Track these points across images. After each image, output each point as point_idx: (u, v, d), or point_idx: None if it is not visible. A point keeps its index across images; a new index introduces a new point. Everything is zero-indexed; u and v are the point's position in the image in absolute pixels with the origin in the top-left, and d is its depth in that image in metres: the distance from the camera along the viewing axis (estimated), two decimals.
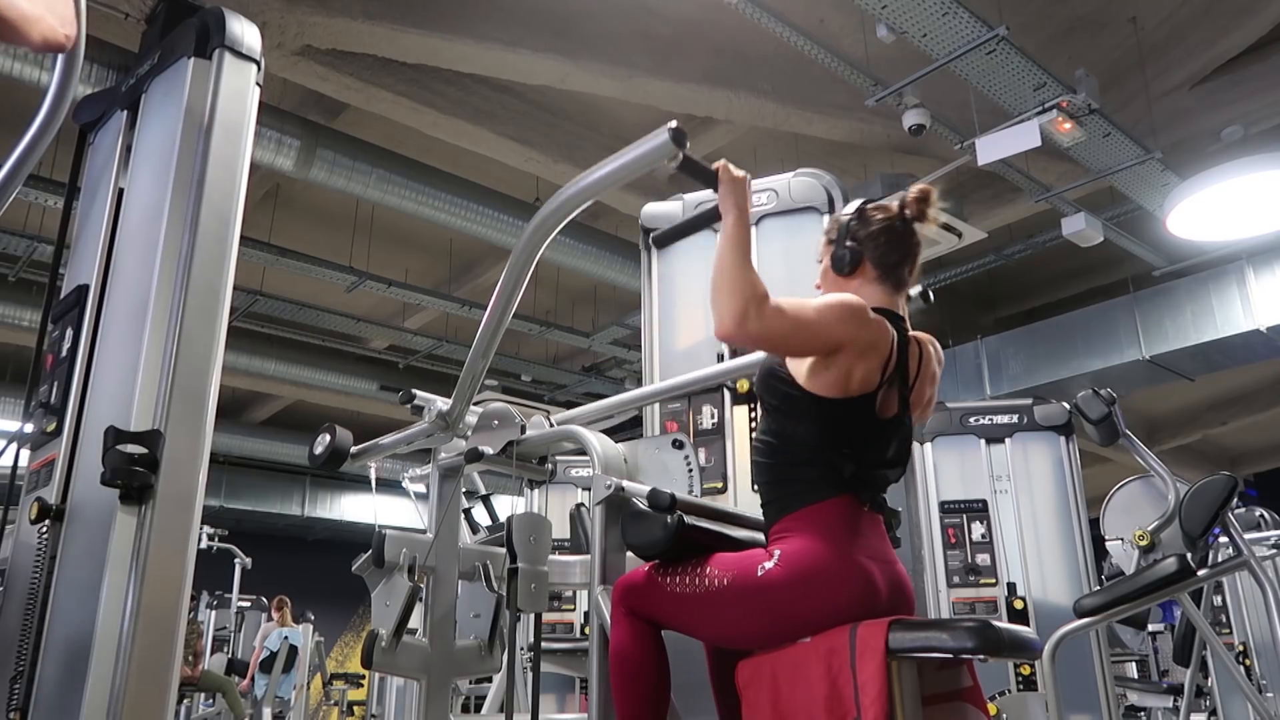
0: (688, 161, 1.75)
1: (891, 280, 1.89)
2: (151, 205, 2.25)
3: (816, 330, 1.69)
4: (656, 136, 1.74)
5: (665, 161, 1.74)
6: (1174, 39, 5.53)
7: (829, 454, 1.74)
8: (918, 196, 1.90)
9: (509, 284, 2.03)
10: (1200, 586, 3.88)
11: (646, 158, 1.77)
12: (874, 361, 1.73)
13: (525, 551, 2.08)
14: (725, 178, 1.77)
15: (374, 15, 4.87)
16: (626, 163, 1.80)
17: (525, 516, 2.13)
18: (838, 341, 1.70)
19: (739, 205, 1.74)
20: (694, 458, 2.17)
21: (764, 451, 1.81)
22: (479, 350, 2.14)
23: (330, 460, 2.35)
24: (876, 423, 1.77)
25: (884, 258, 1.88)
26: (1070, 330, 7.79)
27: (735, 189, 1.76)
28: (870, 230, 1.89)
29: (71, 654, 1.96)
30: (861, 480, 1.75)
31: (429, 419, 2.30)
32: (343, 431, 2.39)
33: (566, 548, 4.27)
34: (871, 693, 1.50)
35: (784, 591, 1.66)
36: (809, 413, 1.75)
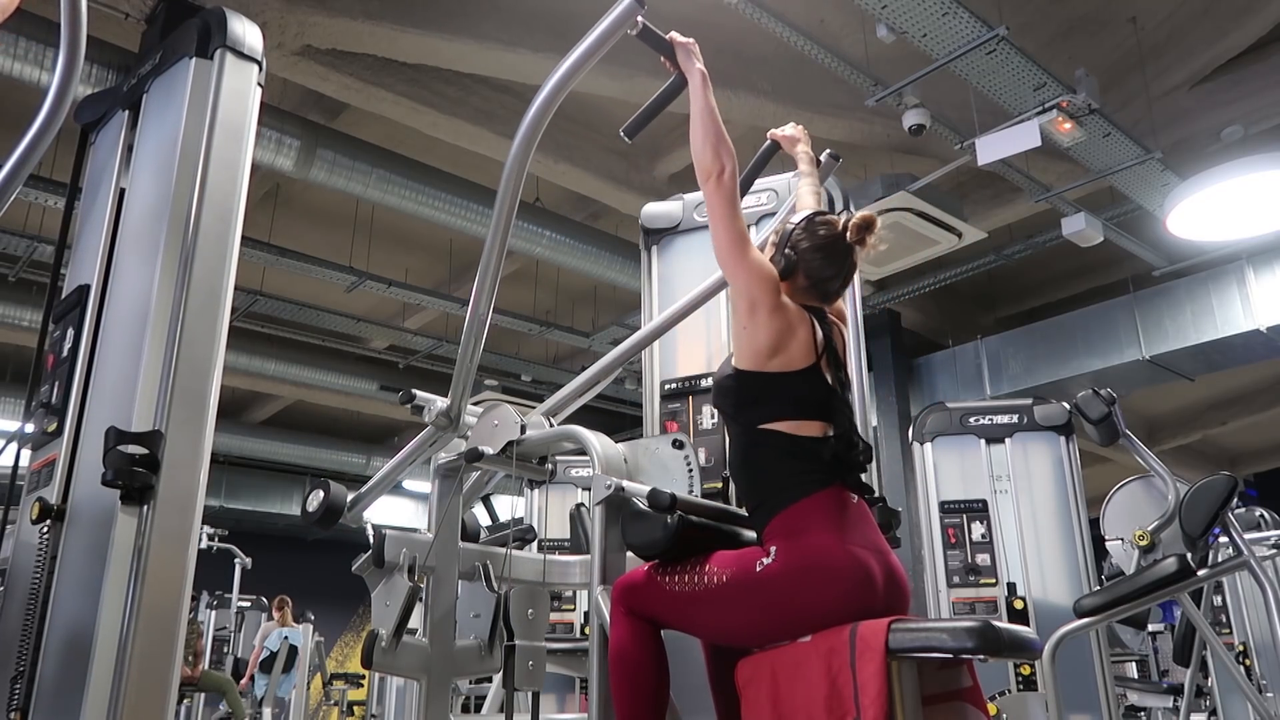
0: (646, 29, 1.97)
1: (819, 292, 1.96)
2: (153, 205, 2.25)
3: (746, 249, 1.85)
4: (620, 3, 1.91)
5: (628, 30, 1.93)
6: (1174, 39, 5.53)
7: (801, 439, 1.78)
8: (860, 224, 1.95)
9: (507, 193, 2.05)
10: (1200, 586, 3.88)
11: (615, 24, 1.92)
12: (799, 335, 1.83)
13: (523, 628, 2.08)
14: (679, 42, 1.99)
15: (374, 15, 4.87)
16: (597, 36, 1.94)
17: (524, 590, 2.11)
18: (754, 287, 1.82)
19: (700, 64, 1.96)
20: (694, 458, 2.17)
21: (740, 460, 1.86)
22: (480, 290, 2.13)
23: (325, 518, 2.29)
24: (833, 392, 1.85)
25: (817, 271, 1.95)
26: (1070, 330, 7.79)
27: (692, 51, 1.98)
28: (810, 243, 1.95)
29: (72, 654, 1.96)
30: (842, 463, 1.79)
31: (429, 418, 2.30)
32: (336, 487, 2.33)
33: (566, 548, 4.27)
34: (871, 692, 1.51)
35: (782, 586, 1.66)
36: (760, 393, 1.82)
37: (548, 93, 2.00)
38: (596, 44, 1.96)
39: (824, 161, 2.56)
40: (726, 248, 1.86)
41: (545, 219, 6.75)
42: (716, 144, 1.87)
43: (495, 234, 2.08)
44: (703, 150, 1.88)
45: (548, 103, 2.00)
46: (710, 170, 1.87)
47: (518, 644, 2.04)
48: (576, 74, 1.99)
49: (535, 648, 2.08)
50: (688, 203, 3.32)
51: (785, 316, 1.84)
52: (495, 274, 2.13)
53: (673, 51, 1.99)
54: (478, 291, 2.14)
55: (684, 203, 3.32)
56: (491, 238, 2.09)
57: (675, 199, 3.36)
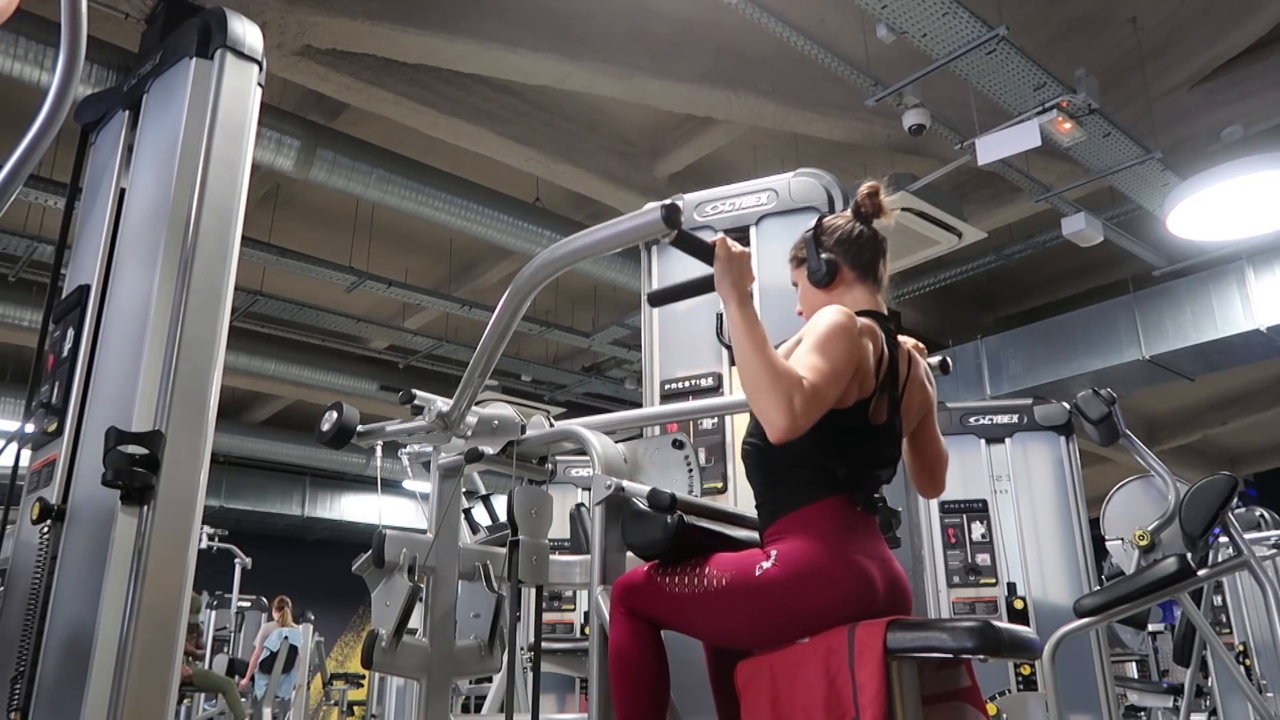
0: (683, 236, 1.68)
1: (870, 280, 1.91)
2: (153, 205, 2.26)
3: (842, 372, 1.66)
4: (649, 214, 1.67)
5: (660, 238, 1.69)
6: (1174, 39, 5.53)
7: (819, 458, 1.74)
8: (867, 192, 1.90)
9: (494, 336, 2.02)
10: (1200, 586, 3.88)
11: (639, 232, 1.72)
12: (861, 372, 1.73)
13: (526, 525, 2.09)
14: (722, 254, 1.67)
15: (374, 15, 4.87)
16: (618, 233, 1.75)
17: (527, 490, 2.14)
18: (854, 366, 1.69)
19: (738, 287, 1.65)
20: (694, 458, 2.17)
21: (753, 455, 1.82)
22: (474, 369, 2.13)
23: (337, 437, 2.34)
24: (868, 429, 1.78)
25: (857, 259, 1.90)
26: (1070, 330, 7.79)
27: (733, 266, 1.66)
28: (837, 237, 1.91)
29: (72, 654, 1.96)
30: (854, 481, 1.76)
31: (429, 419, 2.30)
32: (349, 409, 2.40)
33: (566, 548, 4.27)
34: (870, 692, 1.51)
35: (782, 591, 1.66)
36: None
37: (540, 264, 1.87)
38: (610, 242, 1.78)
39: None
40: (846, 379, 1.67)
41: (545, 219, 6.75)
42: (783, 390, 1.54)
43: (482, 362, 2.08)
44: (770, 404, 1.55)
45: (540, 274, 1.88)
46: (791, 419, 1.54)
47: (521, 539, 2.06)
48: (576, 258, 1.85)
49: (538, 544, 2.11)
50: (688, 203, 3.31)
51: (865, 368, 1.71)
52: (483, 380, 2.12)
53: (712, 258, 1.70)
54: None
55: (684, 203, 3.32)
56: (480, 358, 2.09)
57: (675, 199, 3.36)
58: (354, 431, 2.39)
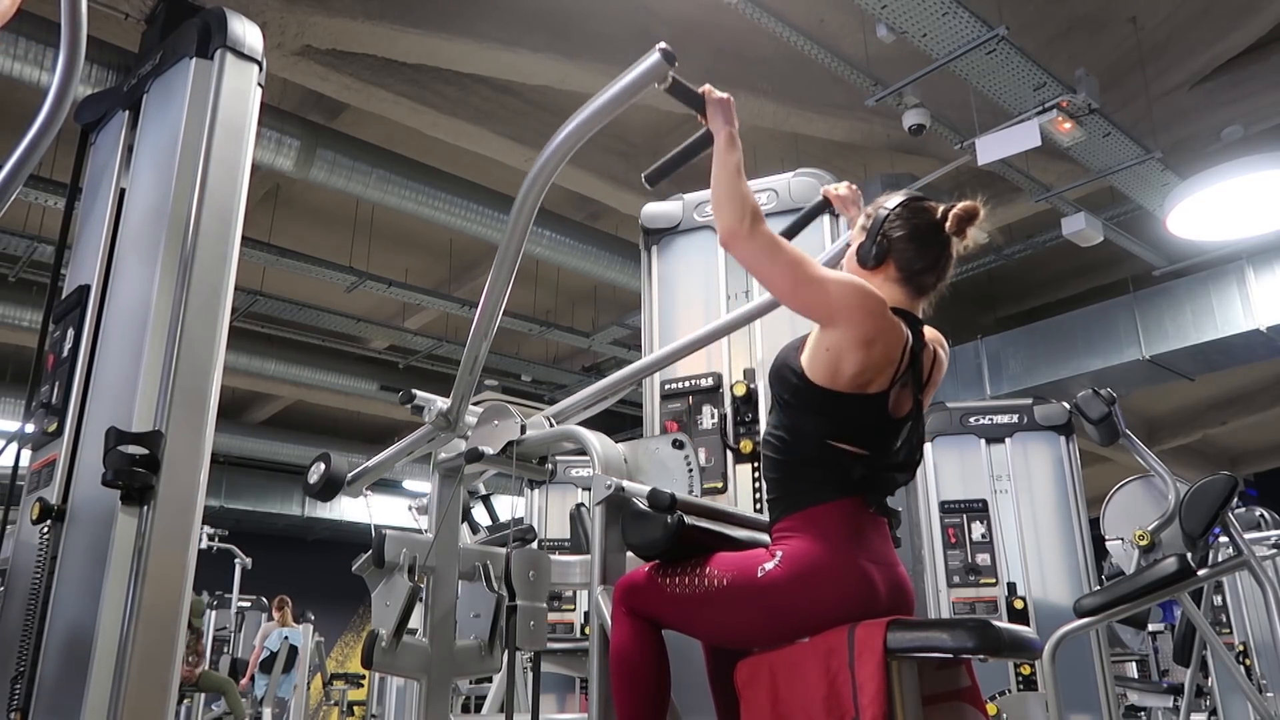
0: (677, 84, 1.83)
1: (912, 285, 1.84)
2: (153, 205, 2.25)
3: (814, 285, 1.69)
4: (648, 57, 1.79)
5: (655, 84, 1.80)
6: (1174, 39, 5.53)
7: (838, 453, 1.73)
8: (961, 214, 1.84)
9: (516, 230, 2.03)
10: (1200, 586, 3.88)
11: (640, 80, 1.81)
12: (879, 358, 1.70)
13: (524, 588, 2.08)
14: (712, 99, 1.87)
15: (374, 15, 4.87)
16: (623, 87, 1.83)
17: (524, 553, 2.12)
18: (835, 309, 1.68)
19: (729, 124, 1.84)
20: (694, 458, 2.17)
21: (774, 447, 1.80)
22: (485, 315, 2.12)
23: (325, 489, 2.31)
24: (888, 421, 1.76)
25: (909, 262, 1.83)
26: (1070, 330, 7.78)
27: (723, 109, 1.86)
28: (904, 231, 1.84)
29: (72, 654, 1.96)
30: (870, 482, 1.74)
31: (429, 419, 2.30)
32: (337, 460, 2.36)
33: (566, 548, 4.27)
34: (870, 692, 1.51)
35: (784, 592, 1.66)
36: (818, 407, 1.74)
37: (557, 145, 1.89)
38: (616, 100, 1.84)
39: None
40: (790, 286, 1.71)
41: (545, 219, 6.75)
42: (733, 203, 1.72)
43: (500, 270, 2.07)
44: (721, 211, 1.73)
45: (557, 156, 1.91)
46: (733, 231, 1.71)
47: (519, 604, 2.05)
48: (591, 127, 1.89)
49: (536, 608, 2.09)
50: (688, 203, 3.32)
51: (881, 346, 1.69)
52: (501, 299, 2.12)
53: (704, 106, 1.86)
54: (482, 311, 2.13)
55: (684, 203, 3.32)
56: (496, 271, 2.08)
57: (675, 199, 3.36)
58: (343, 482, 2.35)
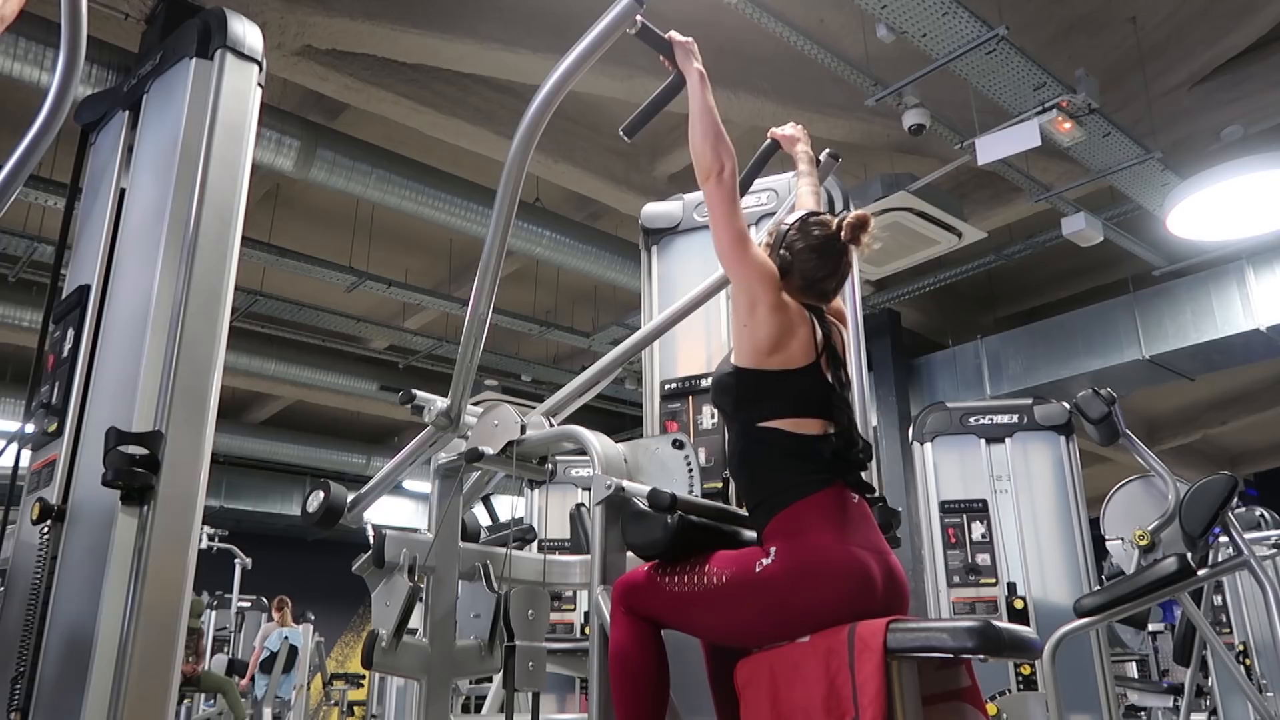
0: (646, 29, 1.97)
1: (815, 292, 1.96)
2: (153, 206, 2.26)
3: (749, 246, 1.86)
4: (619, 3, 1.91)
5: (627, 29, 1.93)
6: (1174, 39, 5.53)
7: (801, 437, 1.78)
8: (854, 223, 1.94)
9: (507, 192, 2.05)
10: (1200, 586, 3.88)
11: (614, 23, 1.92)
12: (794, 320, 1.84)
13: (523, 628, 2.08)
14: (678, 42, 1.99)
15: (374, 15, 4.87)
16: (599, 33, 1.94)
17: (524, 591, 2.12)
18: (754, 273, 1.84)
19: (698, 63, 1.96)
20: (694, 458, 2.17)
21: (740, 458, 1.85)
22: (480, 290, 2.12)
23: (325, 518, 2.29)
24: (828, 385, 1.85)
25: (811, 272, 1.94)
26: (1070, 330, 7.79)
27: (690, 50, 1.98)
28: (804, 245, 1.95)
29: (72, 654, 1.96)
30: (843, 459, 1.79)
31: (430, 418, 2.30)
32: (336, 488, 2.34)
33: (566, 548, 4.27)
34: (870, 692, 1.51)
35: (782, 587, 1.66)
36: (760, 391, 1.82)
37: (547, 91, 2.01)
38: (595, 43, 1.96)
39: (823, 161, 2.56)
40: (728, 245, 1.86)
41: (545, 219, 6.75)
42: (715, 142, 1.88)
43: (495, 234, 2.08)
44: (702, 149, 1.88)
45: (547, 102, 2.01)
46: (710, 169, 1.87)
47: (518, 645, 2.05)
48: (576, 73, 1.99)
49: (535, 648, 2.08)
50: (688, 203, 3.32)
51: (785, 314, 1.84)
52: (495, 274, 2.13)
53: (671, 51, 2.00)
54: (477, 292, 2.14)
55: (684, 203, 3.32)
56: (491, 238, 2.09)
57: (675, 199, 3.36)
58: (343, 511, 2.32)
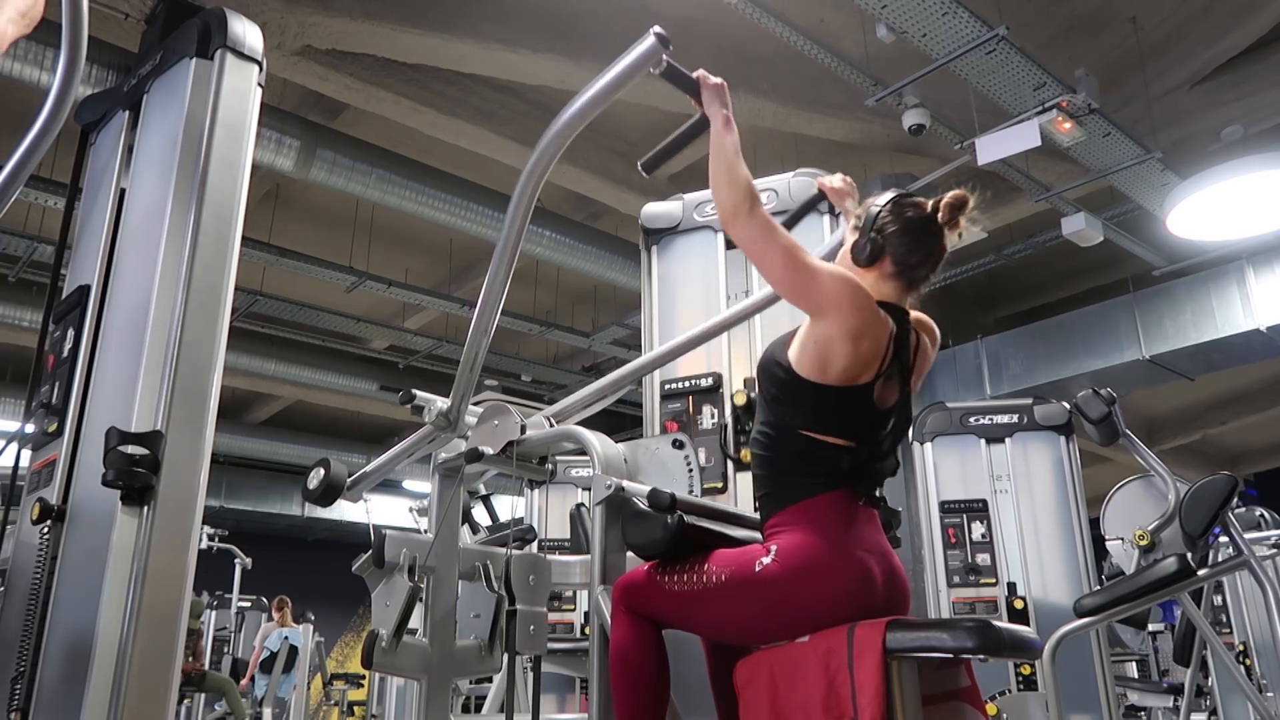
0: (671, 68, 1.84)
1: (906, 279, 1.85)
2: (153, 206, 2.25)
3: (807, 272, 1.71)
4: (643, 41, 1.80)
5: (650, 69, 1.81)
6: (1174, 39, 5.53)
7: (825, 444, 1.74)
8: (952, 202, 1.85)
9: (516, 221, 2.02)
10: (1200, 586, 3.88)
11: (635, 64, 1.82)
12: (865, 352, 1.72)
13: (524, 593, 2.08)
14: (707, 84, 1.87)
15: (374, 15, 4.87)
16: (619, 72, 1.85)
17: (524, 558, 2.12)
18: (824, 299, 1.70)
19: (725, 107, 1.86)
20: (694, 458, 2.17)
21: (762, 443, 1.82)
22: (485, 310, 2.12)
23: (325, 495, 2.31)
24: (874, 412, 1.78)
25: (905, 257, 1.84)
26: (1070, 330, 7.79)
27: (718, 93, 1.87)
28: (897, 226, 1.85)
29: (72, 654, 1.96)
30: (858, 473, 1.76)
31: (429, 419, 2.30)
32: (336, 465, 2.36)
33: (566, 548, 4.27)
34: (869, 692, 1.51)
35: (782, 586, 1.66)
36: (805, 400, 1.75)
37: (556, 131, 1.90)
38: (612, 85, 1.85)
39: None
40: (783, 271, 1.72)
41: (545, 219, 6.75)
42: (734, 185, 1.75)
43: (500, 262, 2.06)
44: (721, 193, 1.76)
45: (556, 140, 1.92)
46: (734, 210, 1.74)
47: (519, 609, 2.05)
48: (589, 114, 1.90)
49: (536, 613, 2.09)
50: (688, 203, 3.32)
51: (869, 341, 1.71)
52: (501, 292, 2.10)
53: (699, 91, 1.87)
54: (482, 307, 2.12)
55: (684, 203, 3.32)
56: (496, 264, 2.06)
57: (675, 199, 3.36)
58: (343, 488, 2.34)
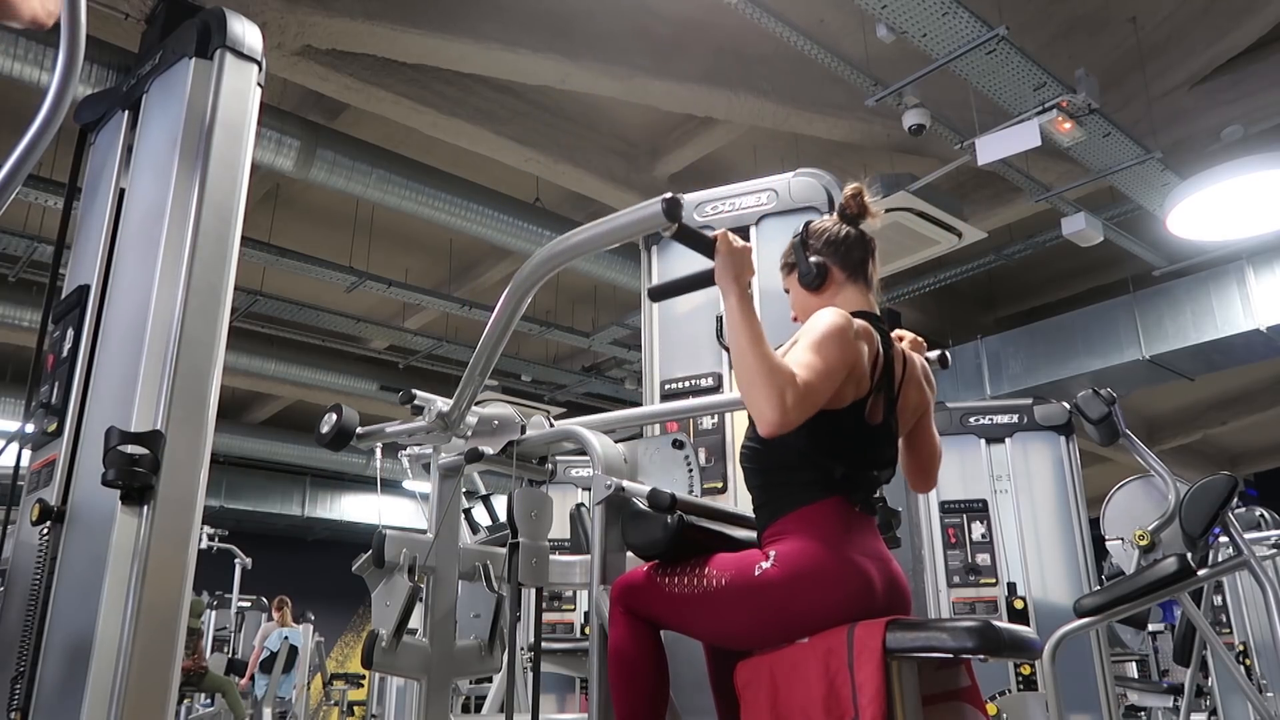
0: (684, 230, 1.69)
1: (860, 280, 1.92)
2: (153, 205, 2.25)
3: (835, 371, 1.66)
4: (649, 207, 1.69)
5: (661, 231, 1.70)
6: (1174, 39, 5.53)
7: (817, 459, 1.75)
8: (851, 194, 1.92)
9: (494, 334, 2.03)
10: (1200, 586, 3.88)
11: (639, 226, 1.75)
12: (856, 378, 1.74)
13: (527, 527, 2.10)
14: (724, 248, 1.69)
15: (374, 15, 4.87)
16: (619, 227, 1.78)
17: (527, 493, 2.14)
18: (848, 367, 1.70)
19: (739, 281, 1.66)
20: (694, 458, 2.17)
21: (751, 458, 1.83)
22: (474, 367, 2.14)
23: (337, 439, 2.36)
24: (865, 429, 1.78)
25: (847, 260, 1.91)
26: (1070, 330, 7.79)
27: (734, 261, 1.67)
28: (825, 239, 1.92)
29: (72, 654, 1.96)
30: (852, 482, 1.77)
31: (429, 419, 2.30)
32: (349, 411, 2.42)
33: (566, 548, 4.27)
34: (869, 693, 1.51)
35: (781, 591, 1.66)
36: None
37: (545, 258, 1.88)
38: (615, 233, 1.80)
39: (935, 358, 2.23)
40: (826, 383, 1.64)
41: (545, 219, 6.75)
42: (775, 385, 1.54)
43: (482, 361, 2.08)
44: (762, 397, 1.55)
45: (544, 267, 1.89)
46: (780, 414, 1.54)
47: (521, 542, 2.07)
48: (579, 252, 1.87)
49: (539, 546, 2.11)
50: (688, 203, 3.31)
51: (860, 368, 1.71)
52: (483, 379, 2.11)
53: (713, 252, 1.71)
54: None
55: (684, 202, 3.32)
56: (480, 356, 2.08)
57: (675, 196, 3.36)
58: (353, 433, 2.41)
